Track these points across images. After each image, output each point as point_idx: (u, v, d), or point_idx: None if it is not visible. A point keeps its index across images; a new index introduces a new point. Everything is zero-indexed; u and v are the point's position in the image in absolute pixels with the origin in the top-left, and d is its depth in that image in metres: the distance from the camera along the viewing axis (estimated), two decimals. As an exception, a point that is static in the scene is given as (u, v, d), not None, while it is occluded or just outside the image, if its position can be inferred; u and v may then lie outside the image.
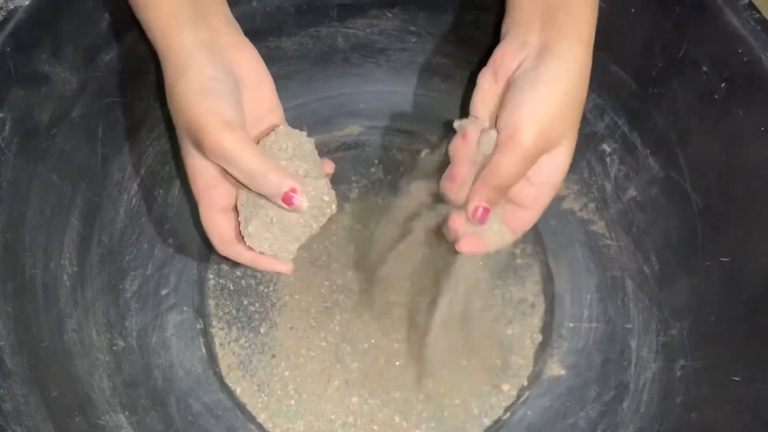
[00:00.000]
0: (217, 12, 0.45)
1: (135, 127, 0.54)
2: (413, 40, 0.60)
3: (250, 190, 0.43)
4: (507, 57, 0.46)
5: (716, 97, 0.48)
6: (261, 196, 0.43)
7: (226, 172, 0.43)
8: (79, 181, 0.50)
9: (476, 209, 0.45)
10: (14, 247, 0.44)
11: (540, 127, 0.42)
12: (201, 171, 0.44)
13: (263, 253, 0.45)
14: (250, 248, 0.45)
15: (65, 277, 0.48)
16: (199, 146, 0.41)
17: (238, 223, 0.45)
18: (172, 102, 0.43)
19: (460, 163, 0.46)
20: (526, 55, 0.45)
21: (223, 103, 0.41)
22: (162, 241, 0.57)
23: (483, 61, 0.58)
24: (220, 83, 0.42)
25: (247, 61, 0.45)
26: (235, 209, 0.45)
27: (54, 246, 0.48)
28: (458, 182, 0.46)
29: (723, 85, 0.47)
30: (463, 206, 0.46)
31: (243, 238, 0.45)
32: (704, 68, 0.48)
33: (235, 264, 0.58)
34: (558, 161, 0.45)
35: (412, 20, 0.59)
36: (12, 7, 0.42)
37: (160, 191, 0.57)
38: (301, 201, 0.42)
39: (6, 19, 0.42)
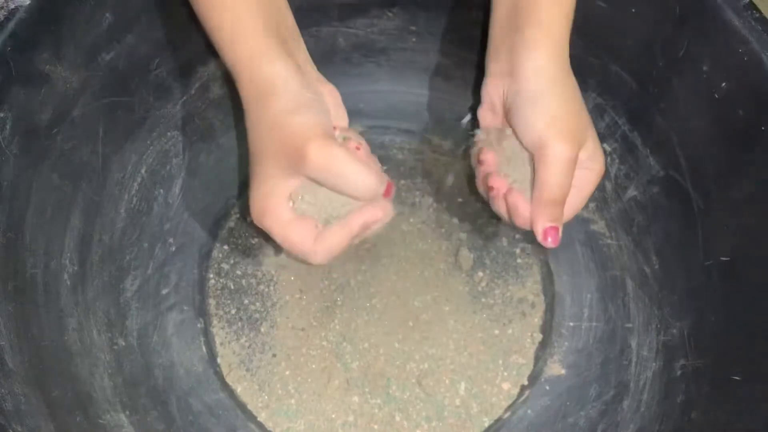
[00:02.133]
0: (301, 50, 0.46)
1: (135, 127, 0.54)
2: (414, 39, 0.60)
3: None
4: (491, 92, 0.49)
5: (716, 96, 0.48)
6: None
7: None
8: (79, 180, 0.50)
9: (546, 232, 0.45)
10: (15, 246, 0.44)
11: (559, 129, 0.44)
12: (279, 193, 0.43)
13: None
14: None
15: (66, 276, 0.48)
16: (304, 160, 0.40)
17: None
18: (261, 127, 0.43)
19: (494, 173, 0.48)
20: (505, 84, 0.47)
21: (323, 117, 0.42)
22: (162, 240, 0.57)
23: (483, 61, 0.58)
24: (315, 102, 0.43)
25: (330, 93, 0.46)
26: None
27: (55, 245, 0.48)
28: (497, 192, 0.48)
29: (723, 84, 0.47)
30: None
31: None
32: (704, 68, 0.48)
33: (236, 263, 0.58)
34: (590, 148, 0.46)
35: (413, 20, 0.59)
36: (13, 6, 0.42)
37: (161, 190, 0.57)
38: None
39: (7, 19, 0.42)
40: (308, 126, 0.41)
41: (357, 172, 0.41)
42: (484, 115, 0.50)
